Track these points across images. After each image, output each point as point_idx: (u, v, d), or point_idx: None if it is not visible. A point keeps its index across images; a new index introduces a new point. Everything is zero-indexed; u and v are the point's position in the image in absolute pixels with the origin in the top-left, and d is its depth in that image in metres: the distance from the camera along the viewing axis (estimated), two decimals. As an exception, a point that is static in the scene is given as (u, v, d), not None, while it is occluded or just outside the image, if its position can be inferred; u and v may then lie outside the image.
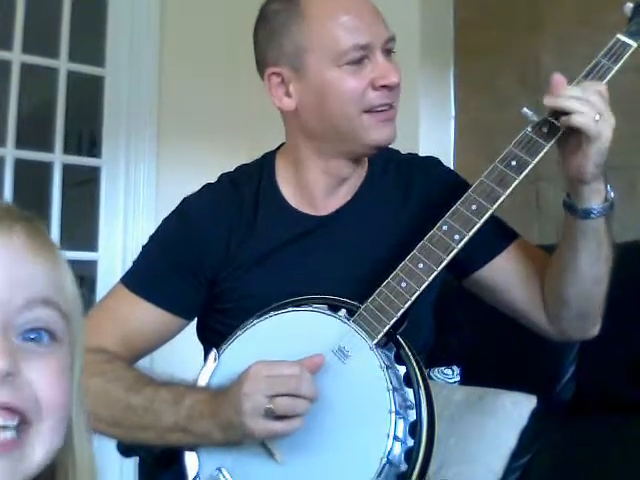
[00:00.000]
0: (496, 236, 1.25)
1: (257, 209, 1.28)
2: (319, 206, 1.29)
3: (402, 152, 1.38)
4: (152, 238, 1.31)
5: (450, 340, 1.83)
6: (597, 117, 1.05)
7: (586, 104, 1.06)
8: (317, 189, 1.28)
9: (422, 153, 1.44)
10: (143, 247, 1.31)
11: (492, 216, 1.14)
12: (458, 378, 1.80)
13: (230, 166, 1.37)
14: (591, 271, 1.18)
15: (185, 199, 1.32)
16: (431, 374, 1.78)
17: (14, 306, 0.56)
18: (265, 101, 1.30)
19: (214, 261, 1.25)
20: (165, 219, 1.32)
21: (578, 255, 1.17)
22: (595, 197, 1.12)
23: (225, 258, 1.25)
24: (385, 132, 1.22)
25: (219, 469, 1.09)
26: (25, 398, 0.55)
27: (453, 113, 2.50)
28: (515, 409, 1.63)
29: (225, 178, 1.34)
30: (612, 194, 1.14)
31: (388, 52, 1.22)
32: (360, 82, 1.19)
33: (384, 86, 1.19)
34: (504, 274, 1.29)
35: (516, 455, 1.61)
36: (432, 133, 2.44)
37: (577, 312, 1.24)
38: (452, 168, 1.50)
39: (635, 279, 1.55)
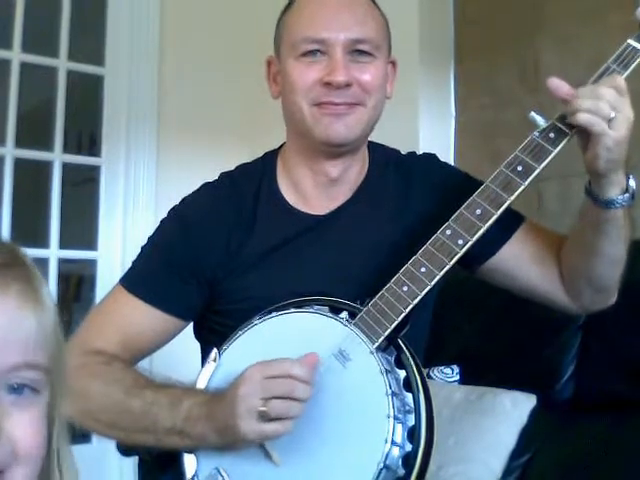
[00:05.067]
0: (503, 222, 1.22)
1: (257, 208, 1.28)
2: (316, 205, 1.28)
3: (402, 152, 1.38)
4: (150, 239, 1.31)
5: (450, 339, 1.84)
6: (612, 114, 1.05)
7: (599, 102, 1.05)
8: (308, 188, 1.28)
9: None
10: (142, 248, 1.31)
11: None
12: (457, 377, 1.80)
13: (230, 166, 1.36)
14: (610, 252, 1.19)
15: (183, 199, 1.31)
16: (430, 373, 1.78)
17: (5, 366, 0.60)
18: (266, 100, 1.31)
19: (213, 261, 1.24)
20: (163, 220, 1.31)
21: (598, 239, 1.17)
22: (613, 188, 1.12)
23: (224, 258, 1.24)
24: (333, 128, 1.21)
25: (217, 469, 1.09)
26: (4, 453, 0.59)
27: (454, 113, 2.50)
28: (514, 408, 1.63)
29: (225, 177, 1.33)
30: (633, 185, 1.14)
31: (359, 53, 1.21)
32: (310, 75, 1.20)
33: (329, 83, 1.19)
34: (516, 258, 1.29)
35: (515, 454, 1.61)
36: (432, 133, 2.44)
37: (597, 288, 1.25)
38: (457, 168, 1.49)
39: (635, 279, 1.55)
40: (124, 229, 2.73)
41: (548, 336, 1.70)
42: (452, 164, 1.84)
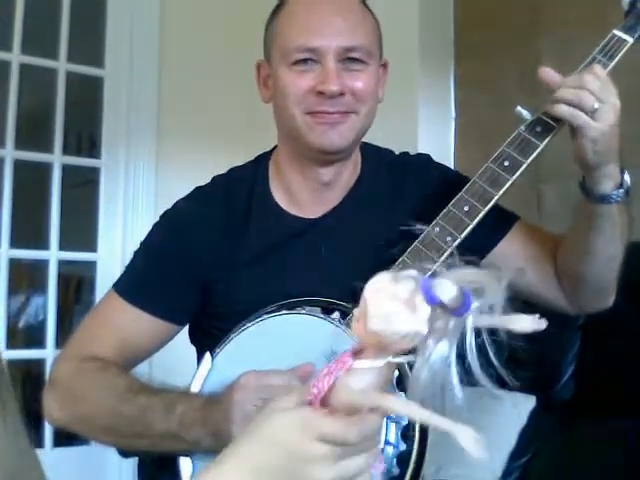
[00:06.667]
0: (496, 223, 1.23)
1: (249, 212, 1.27)
2: (308, 209, 1.28)
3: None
4: (143, 244, 1.30)
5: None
6: (596, 105, 1.04)
7: (581, 92, 1.04)
8: (300, 191, 1.28)
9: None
10: (135, 253, 1.30)
11: None
12: (457, 378, 1.80)
13: (230, 167, 1.36)
14: (606, 251, 1.18)
15: (175, 203, 1.31)
16: (430, 374, 1.77)
17: None
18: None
19: (206, 265, 1.24)
20: (156, 224, 1.31)
21: (593, 236, 1.16)
22: (607, 182, 1.11)
23: (217, 262, 1.24)
24: (327, 137, 1.20)
25: None
26: None
27: (453, 114, 2.50)
28: (514, 409, 1.63)
29: (217, 181, 1.33)
30: (628, 180, 1.12)
31: (351, 60, 1.19)
32: (303, 84, 1.18)
33: (322, 92, 1.17)
34: (510, 257, 1.28)
35: (515, 455, 1.61)
36: (432, 134, 2.44)
37: (593, 288, 1.24)
38: (451, 168, 1.49)
39: (635, 279, 1.55)
40: (124, 231, 2.74)
41: (548, 336, 1.69)
42: (450, 165, 1.84)
